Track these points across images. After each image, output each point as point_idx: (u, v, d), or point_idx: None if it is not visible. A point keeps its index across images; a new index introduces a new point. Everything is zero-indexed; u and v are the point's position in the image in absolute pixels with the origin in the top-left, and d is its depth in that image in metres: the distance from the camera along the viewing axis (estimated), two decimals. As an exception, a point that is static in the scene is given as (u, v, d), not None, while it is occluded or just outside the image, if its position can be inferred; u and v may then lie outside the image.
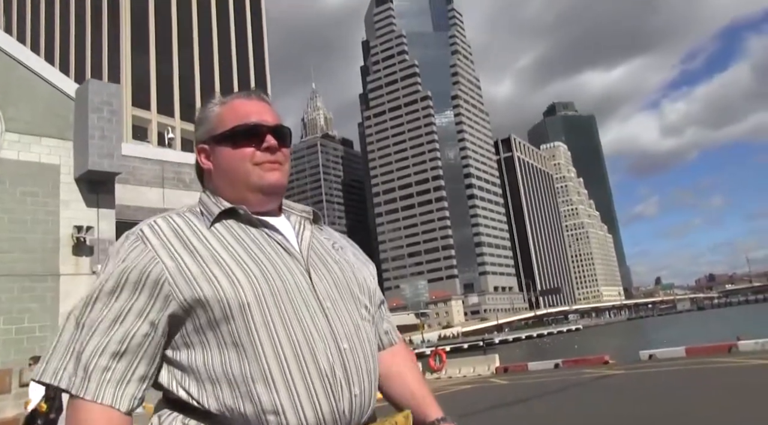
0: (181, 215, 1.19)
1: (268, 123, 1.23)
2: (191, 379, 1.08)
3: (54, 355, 1.05)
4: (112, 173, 13.82)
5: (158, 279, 1.07)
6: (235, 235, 1.16)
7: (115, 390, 1.03)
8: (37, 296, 13.36)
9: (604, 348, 39.82)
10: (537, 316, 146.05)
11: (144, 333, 1.06)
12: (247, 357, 1.05)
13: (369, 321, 1.23)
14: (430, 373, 20.65)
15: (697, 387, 10.50)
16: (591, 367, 16.50)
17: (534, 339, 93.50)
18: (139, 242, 1.11)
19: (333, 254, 1.26)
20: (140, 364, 1.07)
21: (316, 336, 1.09)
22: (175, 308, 1.07)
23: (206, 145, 1.25)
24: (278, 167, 1.22)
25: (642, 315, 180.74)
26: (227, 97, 1.28)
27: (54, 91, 13.92)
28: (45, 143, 13.65)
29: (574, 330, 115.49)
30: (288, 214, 1.30)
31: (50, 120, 13.79)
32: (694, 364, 13.79)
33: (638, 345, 36.21)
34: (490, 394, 13.04)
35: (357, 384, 1.11)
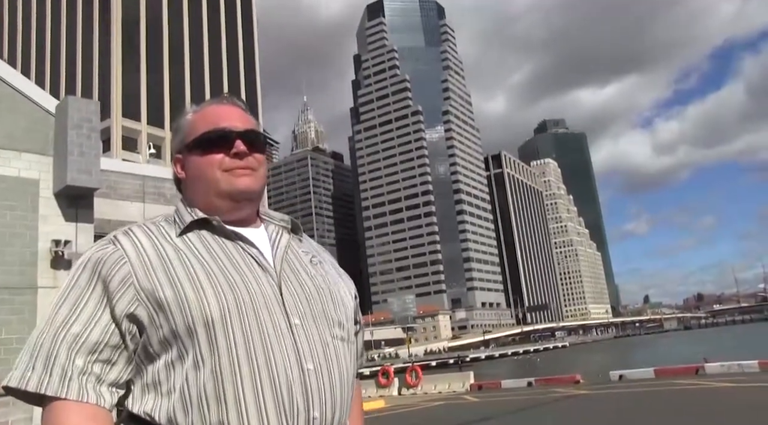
0: (156, 224, 1.18)
1: (237, 128, 1.20)
2: (149, 393, 1.07)
3: (22, 359, 1.05)
4: (91, 189, 13.99)
5: (124, 278, 1.07)
6: (208, 246, 1.14)
7: (85, 386, 1.02)
8: (15, 308, 13.48)
9: (587, 365, 40.13)
10: (524, 332, 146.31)
11: (110, 331, 1.06)
12: (204, 374, 1.03)
13: (342, 340, 1.18)
14: (407, 389, 20.87)
15: (654, 408, 10.79)
16: (562, 386, 16.78)
17: (521, 355, 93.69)
18: (109, 245, 1.11)
19: (309, 269, 1.22)
20: (113, 363, 1.07)
21: (278, 355, 1.07)
22: (140, 310, 1.06)
23: (180, 154, 1.24)
24: (249, 173, 1.19)
25: (629, 334, 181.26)
26: (201, 105, 1.27)
27: (34, 107, 14.11)
28: (25, 158, 13.82)
29: (560, 347, 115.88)
30: (267, 223, 1.26)
31: (30, 136, 13.98)
32: (660, 385, 14.11)
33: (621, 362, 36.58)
34: (455, 412, 13.26)
35: (317, 406, 1.08)
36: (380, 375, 21.92)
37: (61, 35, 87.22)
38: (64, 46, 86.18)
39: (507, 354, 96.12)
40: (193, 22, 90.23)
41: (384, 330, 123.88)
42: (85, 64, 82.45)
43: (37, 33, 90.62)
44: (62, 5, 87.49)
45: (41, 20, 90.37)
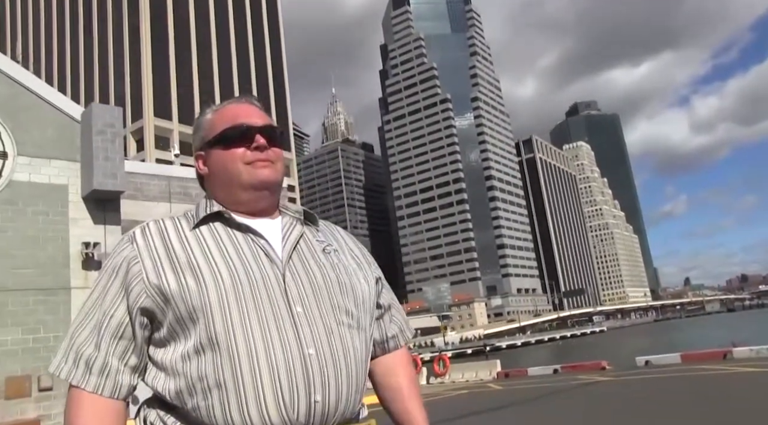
0: (174, 219, 1.25)
1: (257, 124, 1.26)
2: (160, 373, 1.15)
3: (60, 350, 1.17)
4: (117, 192, 14.50)
5: (136, 275, 1.14)
6: (217, 238, 1.20)
7: (98, 378, 1.12)
8: (50, 308, 14.10)
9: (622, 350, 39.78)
10: (560, 318, 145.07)
11: (125, 323, 1.15)
12: (205, 358, 1.09)
13: (350, 326, 1.20)
14: (435, 377, 21.10)
15: (669, 395, 10.79)
16: (587, 373, 16.79)
17: (557, 341, 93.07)
18: (128, 244, 1.19)
19: (318, 257, 1.25)
20: (129, 354, 1.16)
21: (277, 341, 1.10)
22: (148, 303, 1.13)
23: (202, 152, 1.30)
24: (269, 165, 1.25)
25: (669, 317, 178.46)
26: (219, 105, 1.33)
27: (61, 115, 14.64)
28: (54, 164, 14.37)
29: (598, 332, 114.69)
30: (283, 215, 1.32)
31: (58, 143, 14.52)
32: (685, 371, 14.00)
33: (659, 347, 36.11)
34: (476, 401, 13.42)
35: (320, 390, 1.10)
36: (409, 365, 22.16)
37: (93, 42, 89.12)
38: (96, 53, 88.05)
39: (543, 340, 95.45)
40: (219, 20, 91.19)
41: (419, 318, 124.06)
42: (116, 68, 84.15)
43: (71, 41, 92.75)
44: (93, 13, 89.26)
45: (74, 29, 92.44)
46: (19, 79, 14.43)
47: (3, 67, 14.36)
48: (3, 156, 13.78)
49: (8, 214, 13.55)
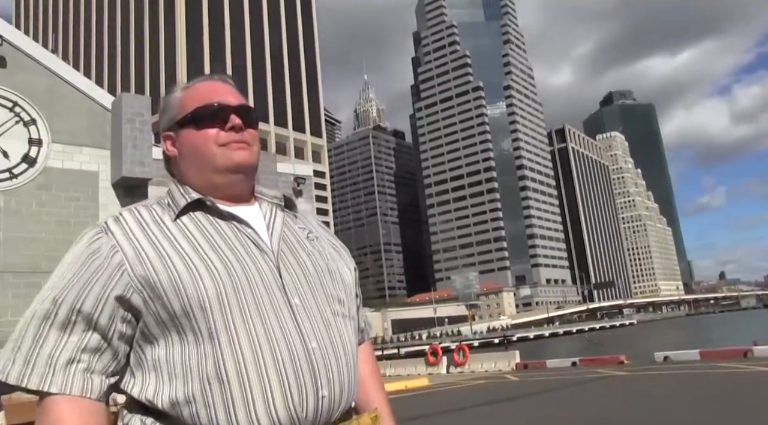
0: (148, 207, 1.15)
1: (231, 103, 1.19)
2: (150, 378, 1.05)
3: (6, 348, 1.02)
4: (145, 179, 14.97)
5: (118, 267, 1.04)
6: (201, 228, 1.12)
7: (64, 376, 0.99)
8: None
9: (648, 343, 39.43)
10: (590, 309, 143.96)
11: (105, 321, 1.03)
12: (205, 357, 1.02)
13: (344, 316, 1.18)
14: (455, 367, 21.32)
15: (684, 392, 10.85)
16: (605, 367, 16.83)
17: (586, 333, 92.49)
18: (102, 234, 1.08)
19: (306, 245, 1.21)
20: (105, 353, 1.04)
21: (279, 335, 1.05)
22: (135, 297, 1.04)
23: (171, 132, 1.22)
24: (245, 147, 1.17)
25: (702, 311, 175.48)
26: (189, 82, 1.26)
27: (93, 104, 15.14)
28: (86, 152, 14.89)
29: (627, 325, 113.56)
30: (260, 201, 1.25)
31: (90, 131, 15.03)
32: (702, 368, 13.97)
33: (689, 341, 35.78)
34: (491, 391, 13.62)
35: (326, 385, 1.07)
36: (429, 354, 22.45)
37: (130, 34, 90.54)
38: (133, 44, 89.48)
39: (572, 332, 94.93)
40: (252, 9, 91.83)
41: (447, 307, 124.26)
42: (152, 59, 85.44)
43: (108, 34, 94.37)
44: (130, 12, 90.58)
45: (112, 23, 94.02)
46: (55, 69, 14.96)
47: (41, 59, 14.89)
48: (38, 143, 14.34)
49: (42, 199, 14.12)
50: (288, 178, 19.78)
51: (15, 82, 14.16)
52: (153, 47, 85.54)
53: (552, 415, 9.27)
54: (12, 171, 13.75)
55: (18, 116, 14.07)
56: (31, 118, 14.19)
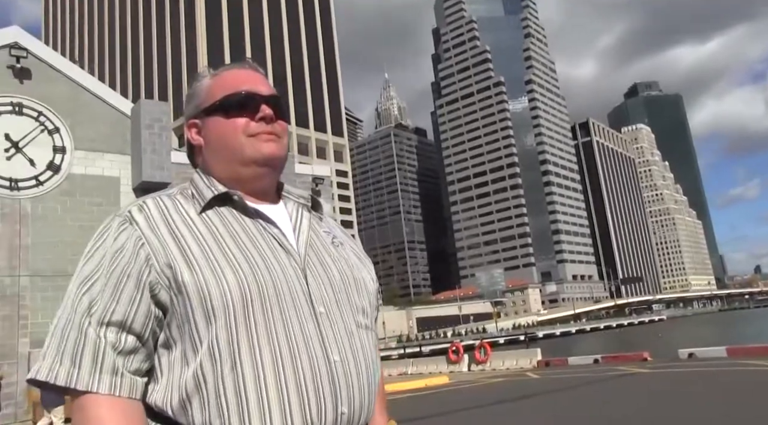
0: (171, 197, 1.10)
1: (262, 92, 1.14)
2: (161, 383, 1.01)
3: (50, 350, 0.98)
4: (164, 183, 15.27)
5: (146, 262, 1.00)
6: (227, 225, 1.07)
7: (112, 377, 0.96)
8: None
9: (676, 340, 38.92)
10: (618, 306, 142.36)
11: (140, 319, 0.99)
12: (221, 363, 0.97)
13: (366, 328, 1.14)
14: (476, 365, 21.34)
15: (706, 390, 10.77)
16: (627, 364, 16.72)
17: (613, 329, 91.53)
18: (127, 225, 1.03)
19: (332, 251, 1.16)
20: (139, 352, 1.00)
21: (302, 346, 1.01)
22: (163, 295, 1.00)
23: (197, 120, 1.16)
24: (275, 139, 1.13)
25: (736, 306, 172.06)
26: (218, 69, 1.20)
27: (113, 111, 15.50)
28: (107, 158, 15.27)
29: (657, 321, 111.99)
30: (286, 200, 1.20)
31: (111, 137, 15.40)
32: (728, 365, 13.77)
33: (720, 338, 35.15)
34: (510, 389, 13.62)
35: (346, 401, 1.02)
36: (450, 352, 22.49)
37: (152, 39, 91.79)
38: (155, 49, 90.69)
39: (599, 328, 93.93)
40: (271, 10, 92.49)
41: (472, 304, 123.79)
42: (174, 64, 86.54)
43: (132, 41, 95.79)
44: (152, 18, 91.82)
45: (135, 31, 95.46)
46: (77, 79, 15.35)
47: (63, 69, 15.28)
48: (62, 151, 14.73)
49: (67, 205, 14.51)
50: (306, 179, 19.95)
51: (39, 92, 14.57)
52: (175, 52, 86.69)
53: (568, 414, 9.28)
54: (38, 178, 14.15)
55: (43, 125, 14.47)
56: (55, 126, 14.58)
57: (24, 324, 13.30)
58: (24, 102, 14.14)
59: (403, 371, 22.79)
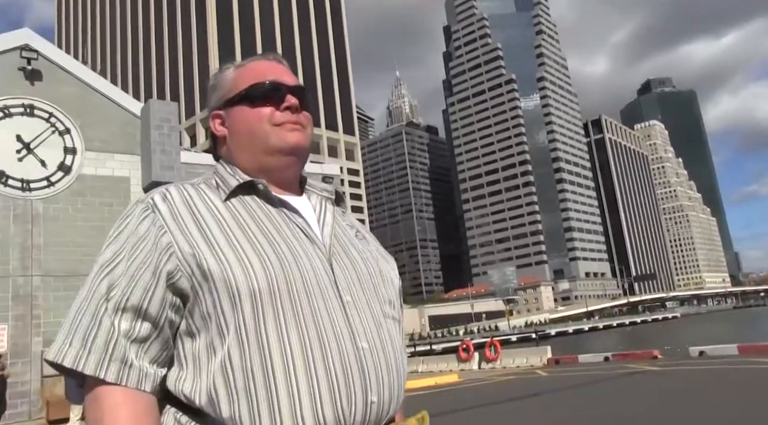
0: (195, 186, 1.09)
1: (288, 82, 1.15)
2: (188, 373, 0.99)
3: (62, 331, 0.96)
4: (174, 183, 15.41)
5: (166, 249, 0.98)
6: (252, 213, 1.07)
7: (121, 366, 0.94)
8: (116, 292, 15.29)
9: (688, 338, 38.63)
10: (630, 303, 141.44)
11: (156, 307, 0.97)
12: (249, 352, 0.95)
13: (393, 319, 1.13)
14: (486, 363, 21.33)
15: (714, 388, 10.71)
16: (637, 362, 16.65)
17: (626, 327, 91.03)
18: (149, 212, 1.02)
19: (356, 244, 1.16)
20: (155, 342, 0.98)
21: (331, 335, 0.99)
22: (183, 282, 0.98)
23: (221, 111, 1.16)
24: (300, 129, 1.13)
25: (751, 304, 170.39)
26: (242, 61, 1.21)
27: (123, 111, 15.63)
28: (117, 158, 15.39)
29: (670, 318, 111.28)
30: (309, 193, 1.19)
31: (121, 138, 15.52)
32: (739, 364, 13.68)
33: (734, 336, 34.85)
34: (518, 386, 13.62)
35: (375, 389, 1.00)
36: (461, 350, 22.49)
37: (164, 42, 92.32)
38: (167, 53, 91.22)
39: (612, 326, 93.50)
40: (282, 8, 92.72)
41: (485, 302, 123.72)
42: (185, 63, 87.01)
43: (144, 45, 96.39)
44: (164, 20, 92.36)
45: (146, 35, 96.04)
46: (87, 80, 15.49)
47: (73, 70, 15.42)
48: (73, 152, 14.87)
49: (78, 205, 14.64)
50: (316, 178, 20.02)
51: (50, 93, 14.72)
52: (186, 53, 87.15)
53: (576, 413, 9.27)
54: (50, 179, 14.30)
55: (54, 126, 14.61)
56: (66, 127, 14.72)
57: (37, 324, 13.46)
58: (35, 103, 14.29)
59: (413, 369, 22.81)
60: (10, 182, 13.74)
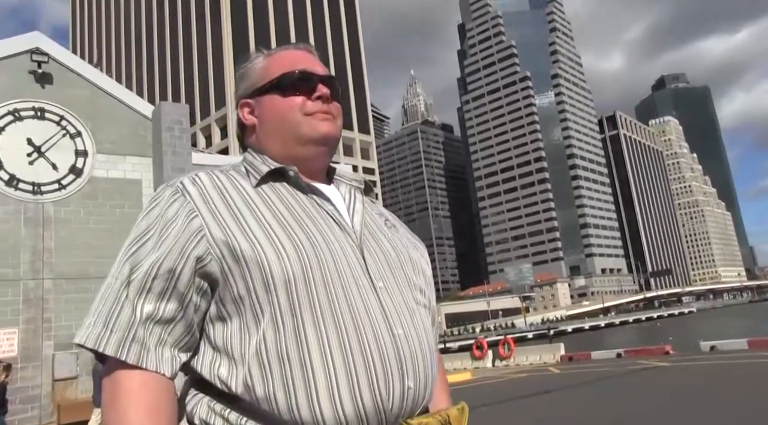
0: (225, 173, 1.09)
1: (319, 72, 1.15)
2: (222, 358, 0.98)
3: (89, 313, 0.97)
4: (185, 185, 15.54)
5: (197, 232, 0.98)
6: (284, 199, 1.06)
7: (141, 348, 0.93)
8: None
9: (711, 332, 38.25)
10: (647, 298, 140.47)
11: (181, 290, 0.97)
12: (285, 336, 0.95)
13: (424, 306, 1.14)
14: (500, 360, 21.29)
15: (723, 383, 10.62)
16: (649, 358, 16.55)
17: (643, 322, 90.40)
18: (179, 195, 1.01)
19: (386, 232, 1.16)
20: (178, 325, 0.97)
21: (366, 319, 0.98)
22: (213, 267, 0.97)
23: (251, 99, 1.16)
24: (331, 118, 1.13)
25: (767, 297, 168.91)
26: (272, 50, 1.20)
27: (134, 114, 15.75)
28: (129, 160, 15.51)
29: (686, 313, 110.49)
30: (338, 183, 1.20)
31: (132, 140, 15.65)
32: (749, 358, 13.62)
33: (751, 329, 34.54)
34: (530, 384, 13.58)
35: (411, 375, 1.00)
36: (475, 348, 22.46)
37: (178, 40, 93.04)
38: (182, 52, 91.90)
39: (628, 321, 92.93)
40: (297, 8, 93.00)
41: (501, 299, 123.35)
42: (200, 57, 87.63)
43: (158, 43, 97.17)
44: (177, 7, 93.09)
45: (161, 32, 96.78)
46: (97, 82, 15.63)
47: (83, 73, 15.57)
48: (84, 154, 15.02)
49: (89, 208, 14.78)
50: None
51: (61, 96, 14.86)
52: (201, 52, 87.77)
53: (584, 410, 9.24)
54: (61, 182, 14.44)
55: (64, 129, 14.76)
56: (77, 130, 14.87)
57: (48, 327, 13.57)
58: (46, 106, 14.44)
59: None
60: (21, 185, 13.86)
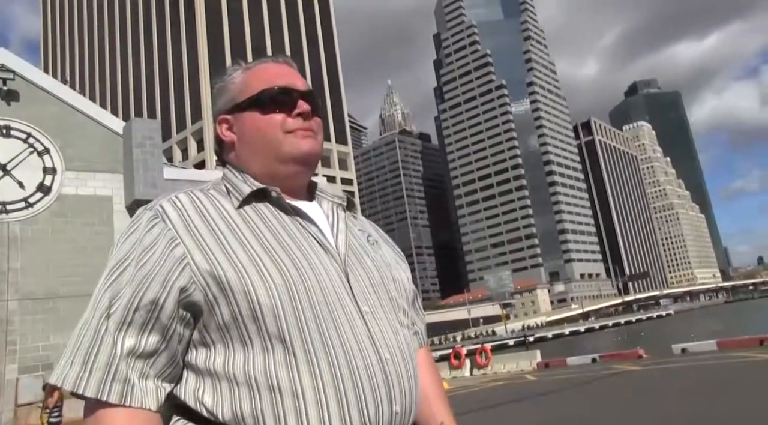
0: (205, 193, 1.06)
1: (299, 87, 1.12)
2: (206, 385, 0.96)
3: (66, 351, 0.92)
4: (157, 201, 15.46)
5: (179, 261, 0.94)
6: (267, 221, 1.04)
7: (124, 386, 0.90)
8: (101, 312, 15.23)
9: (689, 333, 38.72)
10: (625, 302, 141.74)
11: (164, 322, 0.93)
12: (275, 364, 0.93)
13: (408, 327, 1.13)
14: (478, 369, 21.38)
15: (691, 384, 10.80)
16: (623, 362, 16.76)
17: (622, 326, 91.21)
18: (158, 220, 0.98)
19: (369, 250, 1.14)
20: (161, 357, 0.94)
21: (355, 345, 0.97)
22: (197, 296, 0.94)
23: (229, 115, 1.12)
24: (312, 135, 1.10)
25: (741, 298, 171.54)
26: (251, 63, 1.16)
27: (105, 130, 15.69)
28: (99, 177, 15.43)
29: (664, 316, 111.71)
30: (320, 199, 1.17)
31: (103, 157, 15.57)
32: (718, 359, 13.88)
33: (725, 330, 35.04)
34: (504, 393, 13.68)
35: (399, 400, 1.00)
36: (452, 357, 22.52)
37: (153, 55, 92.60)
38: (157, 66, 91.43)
39: (608, 326, 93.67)
40: (272, 18, 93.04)
41: (481, 307, 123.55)
42: (175, 71, 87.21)
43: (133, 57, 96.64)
44: (152, 17, 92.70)
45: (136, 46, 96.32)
46: (66, 99, 15.54)
47: (52, 90, 15.47)
48: (52, 172, 14.90)
49: (58, 226, 14.65)
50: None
51: (28, 114, 14.75)
52: (176, 66, 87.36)
53: (551, 416, 9.35)
54: (28, 201, 14.30)
55: (32, 147, 14.64)
56: (45, 147, 14.75)
57: (12, 350, 13.34)
58: (12, 124, 14.31)
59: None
60: (-15, 205, 13.74)
